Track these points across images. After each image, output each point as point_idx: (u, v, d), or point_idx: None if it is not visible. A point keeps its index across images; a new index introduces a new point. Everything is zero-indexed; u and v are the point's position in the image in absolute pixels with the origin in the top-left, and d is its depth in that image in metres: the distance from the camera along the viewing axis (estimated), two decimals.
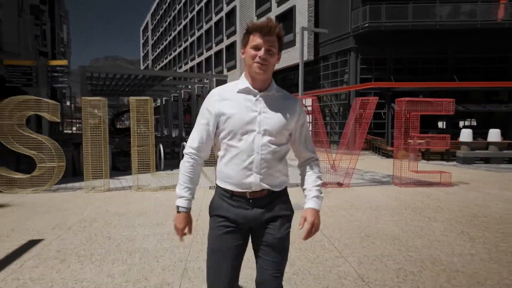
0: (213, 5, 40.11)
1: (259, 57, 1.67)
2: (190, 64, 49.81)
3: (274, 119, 1.73)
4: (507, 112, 19.12)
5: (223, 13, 36.80)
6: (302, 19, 22.53)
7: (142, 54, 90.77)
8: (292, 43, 23.55)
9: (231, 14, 34.94)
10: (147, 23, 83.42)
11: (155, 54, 74.89)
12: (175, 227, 1.80)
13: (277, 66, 25.17)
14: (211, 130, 1.79)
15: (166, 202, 6.69)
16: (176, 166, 10.43)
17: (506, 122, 19.04)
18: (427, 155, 14.84)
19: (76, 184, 8.49)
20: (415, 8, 18.18)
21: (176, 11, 56.75)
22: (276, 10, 25.95)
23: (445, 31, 18.49)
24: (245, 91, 1.75)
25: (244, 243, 1.82)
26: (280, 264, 1.81)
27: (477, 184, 8.95)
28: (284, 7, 24.71)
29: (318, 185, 1.84)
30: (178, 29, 55.89)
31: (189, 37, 50.13)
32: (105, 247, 4.22)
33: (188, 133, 17.36)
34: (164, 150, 11.68)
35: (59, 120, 8.20)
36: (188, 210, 1.81)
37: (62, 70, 8.91)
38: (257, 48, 1.68)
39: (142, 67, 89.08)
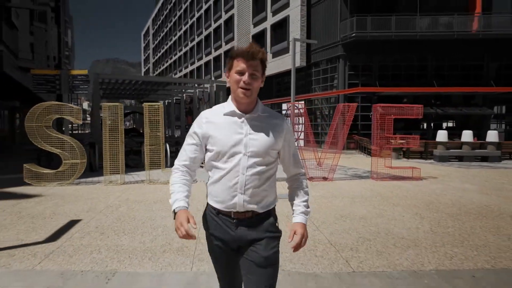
0: (212, 13, 41.42)
1: (243, 81, 1.70)
2: (190, 68, 51.01)
3: (260, 140, 1.75)
4: (482, 115, 20.59)
5: (221, 21, 38.06)
6: (295, 28, 23.87)
7: (143, 57, 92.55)
8: (286, 50, 24.88)
9: (229, 21, 36.20)
10: (148, 28, 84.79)
11: (156, 57, 76.23)
12: (177, 229, 1.64)
13: (273, 71, 26.56)
14: (198, 150, 1.83)
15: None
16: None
17: (481, 124, 20.53)
18: (407, 154, 16.19)
19: (95, 179, 9.69)
20: (397, 20, 19.58)
21: (176, 17, 58.03)
22: (271, 20, 27.28)
23: (425, 41, 19.90)
24: (230, 114, 1.78)
25: (237, 259, 1.85)
26: (267, 285, 1.76)
27: (443, 178, 10.30)
28: (279, 16, 26.04)
29: (305, 201, 1.89)
30: (178, 34, 57.15)
31: (189, 42, 51.35)
32: (133, 224, 5.42)
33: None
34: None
35: (81, 122, 9.40)
36: (185, 208, 1.72)
37: (82, 79, 10.13)
38: (241, 73, 1.71)
39: (143, 70, 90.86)
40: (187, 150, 1.85)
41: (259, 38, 29.07)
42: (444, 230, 5.17)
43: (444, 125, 23.88)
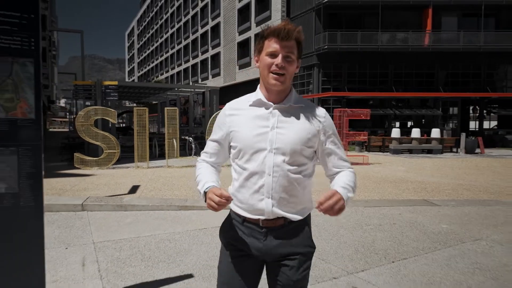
0: (199, 19, 44.37)
1: (276, 65, 1.45)
2: (177, 69, 53.76)
3: (288, 135, 1.48)
4: (433, 115, 24.49)
5: (208, 27, 41.09)
6: None
7: (127, 57, 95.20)
8: None
9: (215, 28, 39.27)
10: (133, 28, 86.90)
11: (141, 57, 78.55)
12: (208, 205, 1.44)
13: (257, 75, 29.77)
14: (220, 147, 1.63)
15: (188, 174, 11.08)
16: (184, 155, 15.32)
17: (433, 123, 24.42)
18: (368, 147, 19.78)
19: (124, 165, 12.70)
20: (362, 35, 23.21)
21: (163, 20, 60.64)
22: (255, 29, 30.65)
23: (386, 53, 23.63)
24: (257, 103, 1.53)
25: (259, 273, 1.61)
26: None
27: (386, 163, 13.82)
28: (262, 27, 29.35)
29: (353, 183, 1.53)
30: (165, 36, 59.76)
31: (176, 45, 54.09)
32: (175, 187, 8.42)
33: (183, 132, 21.49)
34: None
35: (116, 122, 12.40)
36: (212, 186, 1.50)
37: (113, 88, 13.15)
38: (273, 55, 1.46)
39: (127, 69, 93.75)
40: (209, 147, 1.67)
41: (244, 45, 32.30)
42: (365, 188, 8.52)
43: (409, 123, 27.72)
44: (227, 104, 1.63)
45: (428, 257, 3.99)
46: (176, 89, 20.32)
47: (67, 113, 64.25)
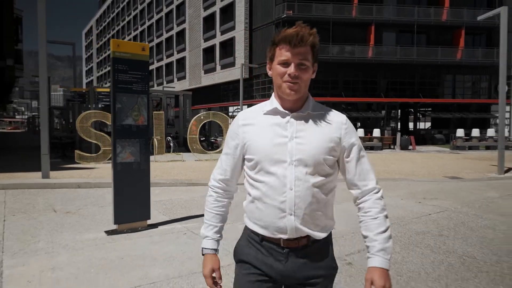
0: (163, 23, 45.75)
1: (289, 74, 1.35)
2: None
3: (309, 145, 1.38)
4: (376, 117, 28.45)
5: (173, 32, 42.76)
6: (240, 47, 29.99)
7: (84, 56, 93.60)
8: (232, 64, 30.98)
9: (181, 33, 41.06)
10: (91, 28, 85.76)
11: (101, 58, 77.96)
12: (204, 277, 1.50)
13: (221, 80, 32.38)
14: (234, 161, 1.52)
15: (177, 166, 13.56)
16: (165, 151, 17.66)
17: (376, 124, 28.35)
18: None
19: None
20: None
21: (125, 22, 61.05)
22: (220, 37, 33.15)
23: (336, 63, 27.18)
24: (272, 112, 1.44)
25: None
26: None
27: None
28: (226, 36, 32.07)
29: (383, 231, 1.39)
30: (127, 38, 60.19)
31: None
32: (171, 174, 10.90)
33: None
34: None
35: (109, 123, 14.52)
36: (213, 252, 1.54)
37: (105, 94, 15.22)
38: (285, 63, 1.37)
39: (84, 68, 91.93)
40: (223, 161, 1.56)
41: (209, 51, 34.68)
42: None
43: (358, 124, 31.45)
44: (240, 114, 1.52)
45: (349, 203, 6.91)
46: (151, 93, 22.36)
47: (18, 114, 62.83)
